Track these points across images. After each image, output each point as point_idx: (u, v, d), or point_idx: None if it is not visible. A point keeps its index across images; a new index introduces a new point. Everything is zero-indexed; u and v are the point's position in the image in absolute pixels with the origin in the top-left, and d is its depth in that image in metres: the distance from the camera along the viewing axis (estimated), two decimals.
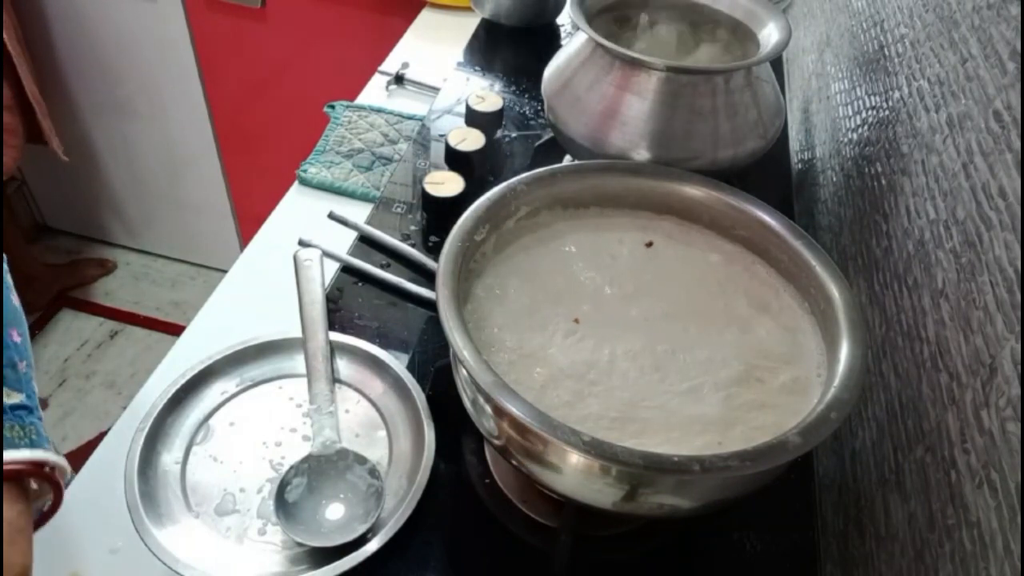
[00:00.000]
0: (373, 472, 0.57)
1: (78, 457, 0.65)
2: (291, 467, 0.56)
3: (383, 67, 1.15)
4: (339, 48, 1.61)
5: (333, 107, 1.05)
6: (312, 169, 0.95)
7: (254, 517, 0.56)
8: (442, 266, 0.50)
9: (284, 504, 0.55)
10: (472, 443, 0.61)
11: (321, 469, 0.57)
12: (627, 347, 0.51)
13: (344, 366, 0.65)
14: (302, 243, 0.77)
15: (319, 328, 0.64)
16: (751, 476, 0.43)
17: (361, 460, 0.57)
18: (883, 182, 0.66)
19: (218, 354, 0.64)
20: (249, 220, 2.00)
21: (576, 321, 0.53)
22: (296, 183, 0.94)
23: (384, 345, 0.66)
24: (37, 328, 1.97)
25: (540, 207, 0.59)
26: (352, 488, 0.57)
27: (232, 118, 1.83)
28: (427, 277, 0.76)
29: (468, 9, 1.23)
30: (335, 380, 0.64)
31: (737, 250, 0.59)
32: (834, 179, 0.81)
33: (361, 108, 1.06)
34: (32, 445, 0.42)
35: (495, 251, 0.56)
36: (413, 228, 0.81)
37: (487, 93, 0.94)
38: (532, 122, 0.97)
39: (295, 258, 0.68)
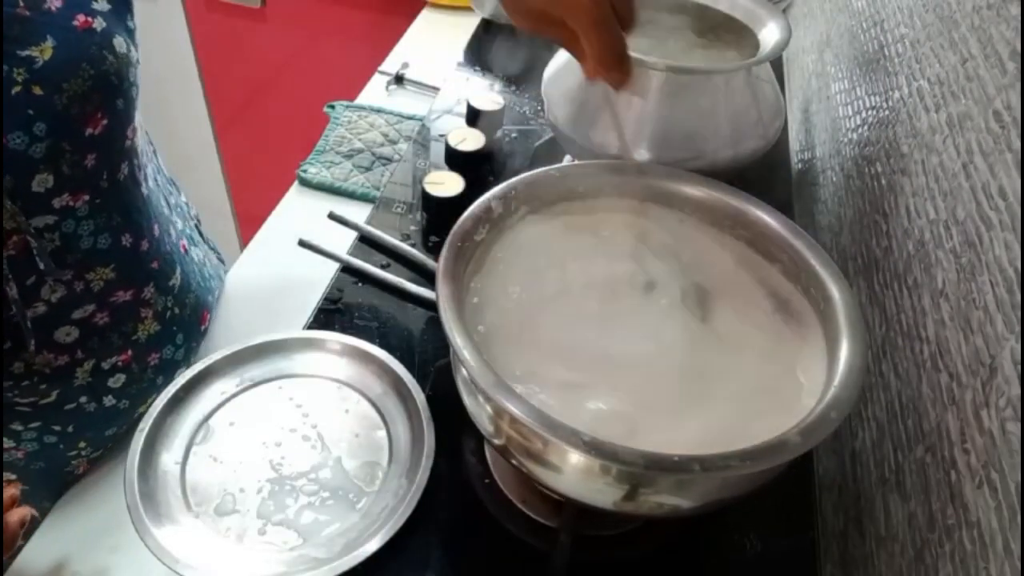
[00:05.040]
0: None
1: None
2: None
3: (383, 67, 1.15)
4: (339, 48, 1.61)
5: (333, 107, 1.05)
6: (312, 169, 0.95)
7: (254, 517, 0.56)
8: (442, 266, 0.50)
9: None
10: (472, 443, 0.61)
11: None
12: (630, 341, 0.51)
13: (344, 366, 0.65)
14: (302, 243, 0.77)
15: None
16: (751, 476, 0.43)
17: None
18: (883, 182, 0.66)
19: (218, 354, 0.64)
20: (249, 220, 2.00)
21: (578, 315, 0.53)
22: (296, 183, 0.95)
23: (384, 345, 0.66)
24: None
25: (540, 207, 0.59)
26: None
27: (232, 118, 1.83)
28: (427, 277, 0.76)
29: (468, 9, 1.23)
30: (335, 380, 0.64)
31: (740, 250, 0.59)
32: (834, 179, 0.81)
33: (361, 108, 1.06)
34: None
35: (495, 250, 0.56)
36: (413, 228, 0.81)
37: (487, 93, 0.94)
38: (532, 122, 0.97)
39: None
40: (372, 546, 0.53)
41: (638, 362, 0.51)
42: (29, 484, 0.61)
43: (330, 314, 0.72)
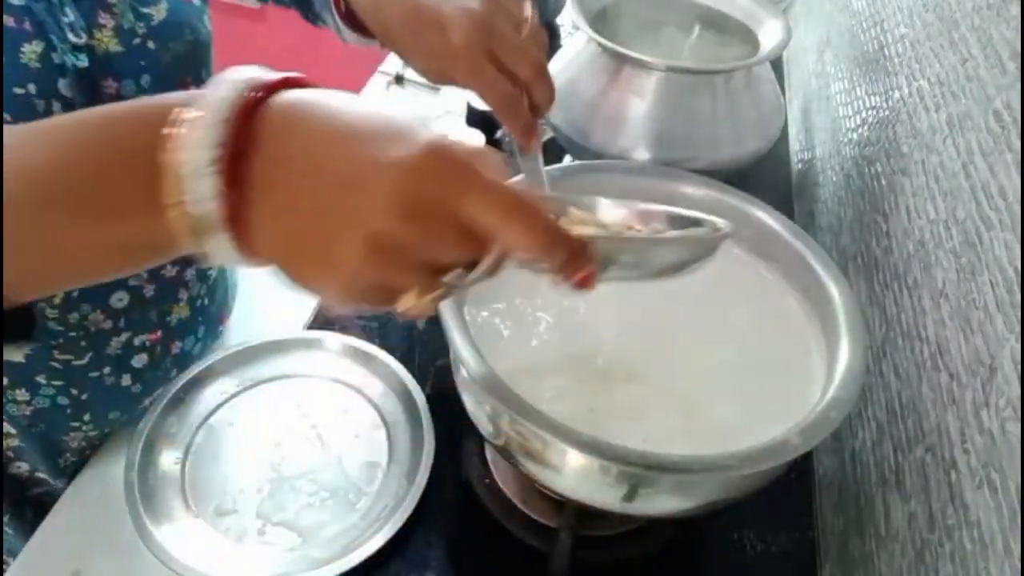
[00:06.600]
0: None
1: None
2: None
3: (383, 67, 1.15)
4: (339, 48, 1.60)
5: None
6: None
7: (254, 517, 0.56)
8: None
9: None
10: (472, 443, 0.61)
11: None
12: (628, 341, 0.51)
13: (344, 366, 0.65)
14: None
15: None
16: (751, 476, 0.43)
17: None
18: (883, 182, 0.66)
19: (218, 354, 0.64)
20: None
21: (577, 314, 0.53)
22: None
23: (384, 345, 0.66)
24: None
25: None
26: None
27: None
28: None
29: None
30: (335, 380, 0.64)
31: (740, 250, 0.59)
32: (834, 179, 0.81)
33: None
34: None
35: None
36: None
37: None
38: None
39: None
40: (372, 546, 0.53)
41: (638, 362, 0.51)
42: (24, 444, 0.62)
43: (330, 315, 0.72)
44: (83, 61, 0.50)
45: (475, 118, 0.91)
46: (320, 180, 0.28)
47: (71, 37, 0.49)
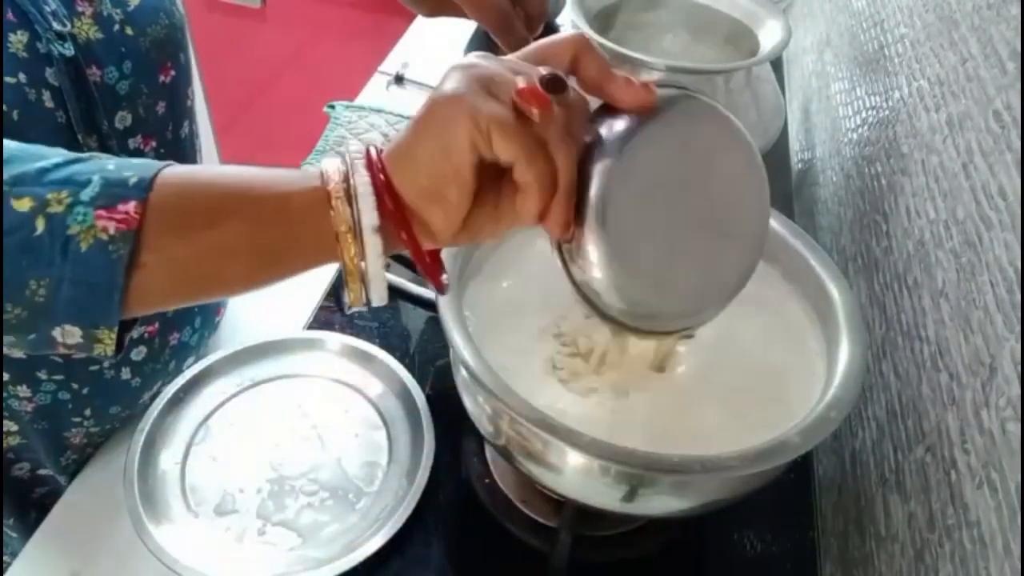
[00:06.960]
0: None
1: None
2: None
3: (383, 67, 1.15)
4: (339, 48, 1.60)
5: (333, 107, 1.05)
6: None
7: (254, 517, 0.56)
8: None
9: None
10: (472, 443, 0.61)
11: None
12: (631, 342, 0.51)
13: (344, 366, 0.65)
14: None
15: None
16: (751, 476, 0.43)
17: None
18: (883, 182, 0.66)
19: (218, 354, 0.64)
20: None
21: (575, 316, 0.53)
22: None
23: (384, 345, 0.66)
24: None
25: None
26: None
27: (232, 118, 1.83)
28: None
29: None
30: (335, 380, 0.64)
31: None
32: (834, 179, 0.81)
33: (361, 108, 1.06)
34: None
35: (495, 250, 0.56)
36: None
37: None
38: None
39: None
40: (372, 546, 0.53)
41: (637, 361, 0.51)
42: (28, 442, 0.62)
43: (330, 314, 0.72)
44: (68, 50, 0.50)
45: None
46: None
47: (55, 25, 0.50)
